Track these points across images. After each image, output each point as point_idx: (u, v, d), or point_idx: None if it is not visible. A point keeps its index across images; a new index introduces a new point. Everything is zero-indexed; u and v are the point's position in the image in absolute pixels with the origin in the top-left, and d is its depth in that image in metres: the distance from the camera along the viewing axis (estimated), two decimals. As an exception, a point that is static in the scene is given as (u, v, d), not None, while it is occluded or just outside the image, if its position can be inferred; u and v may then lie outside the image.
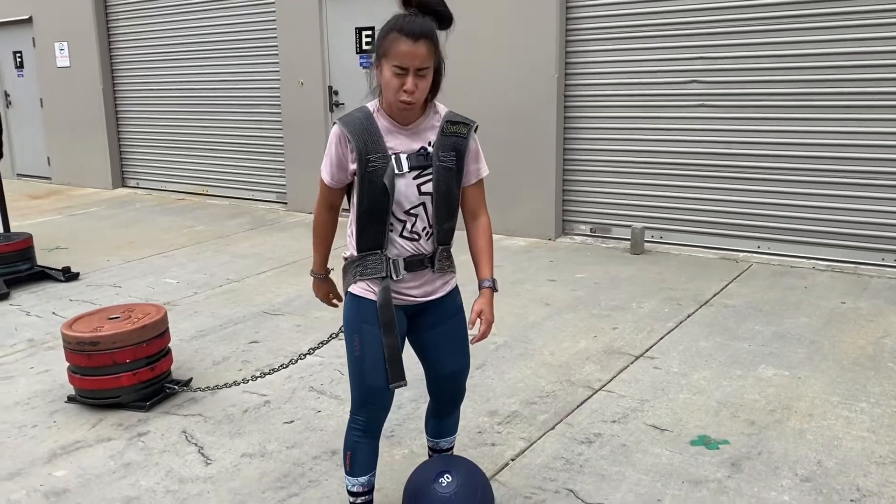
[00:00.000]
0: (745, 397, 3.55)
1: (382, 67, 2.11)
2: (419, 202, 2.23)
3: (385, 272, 2.25)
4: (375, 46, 2.15)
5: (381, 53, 2.11)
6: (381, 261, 2.25)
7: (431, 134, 2.25)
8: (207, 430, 3.42)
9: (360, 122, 2.19)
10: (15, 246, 5.77)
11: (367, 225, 2.23)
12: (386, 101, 2.17)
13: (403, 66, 2.07)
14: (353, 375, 2.34)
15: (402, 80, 2.09)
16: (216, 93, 9.12)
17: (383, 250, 2.25)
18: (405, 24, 2.08)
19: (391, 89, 2.11)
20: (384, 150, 2.17)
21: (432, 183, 2.23)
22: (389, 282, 2.26)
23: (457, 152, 2.26)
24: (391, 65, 2.08)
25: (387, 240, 2.24)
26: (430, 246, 2.31)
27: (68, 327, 3.68)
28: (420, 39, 2.06)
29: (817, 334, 4.28)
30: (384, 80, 2.12)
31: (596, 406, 3.52)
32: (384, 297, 2.24)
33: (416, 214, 2.25)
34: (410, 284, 2.31)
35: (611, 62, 6.33)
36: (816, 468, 2.93)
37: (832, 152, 5.54)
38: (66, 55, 10.36)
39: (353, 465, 2.41)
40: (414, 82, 2.09)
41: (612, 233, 6.59)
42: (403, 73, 2.08)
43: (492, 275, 2.40)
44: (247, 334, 4.62)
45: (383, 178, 2.16)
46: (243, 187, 9.12)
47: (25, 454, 3.26)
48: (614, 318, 4.67)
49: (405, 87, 2.09)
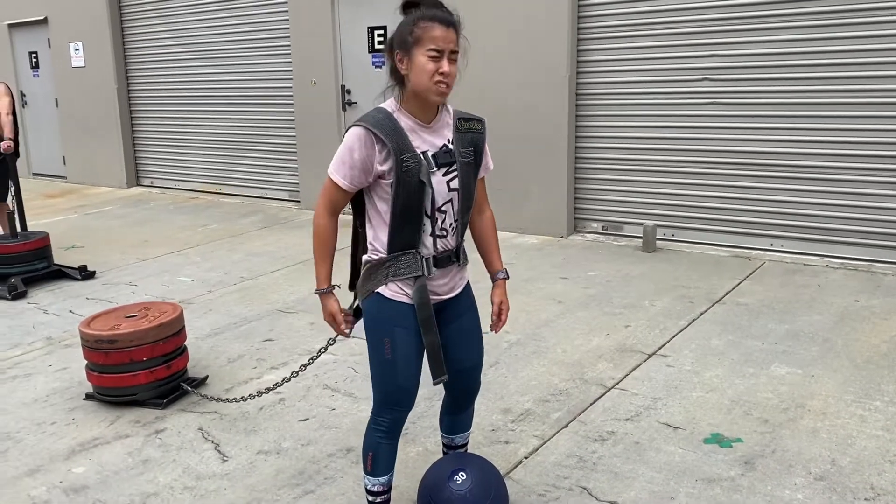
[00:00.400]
0: (759, 395, 3.55)
1: (414, 57, 2.12)
2: (448, 198, 2.27)
3: (420, 271, 2.26)
4: (399, 40, 2.15)
5: (411, 43, 2.11)
6: (416, 260, 2.26)
7: (448, 131, 2.28)
8: (223, 428, 3.46)
9: (385, 122, 2.18)
10: (32, 245, 5.83)
11: (401, 225, 2.23)
12: (418, 90, 2.16)
13: (440, 49, 2.10)
14: (381, 377, 2.34)
15: (438, 63, 2.11)
16: (229, 92, 9.17)
17: (417, 249, 2.26)
18: (434, 12, 2.13)
19: (427, 74, 2.11)
20: (413, 150, 2.18)
21: (458, 179, 2.27)
22: (425, 280, 2.27)
23: (475, 147, 2.32)
24: (426, 49, 2.10)
25: (420, 239, 2.26)
26: (455, 241, 2.35)
27: (86, 325, 3.73)
28: (451, 25, 2.13)
29: (830, 332, 4.27)
30: (418, 68, 2.12)
31: (609, 404, 3.53)
32: (422, 295, 2.26)
33: (445, 211, 2.28)
34: (440, 282, 2.34)
35: (622, 60, 6.33)
36: (830, 467, 2.93)
37: (845, 149, 5.52)
38: (80, 55, 10.44)
39: (374, 464, 2.43)
40: (448, 65, 2.12)
41: (623, 230, 6.59)
42: (439, 55, 2.11)
43: (503, 265, 2.54)
44: (261, 332, 4.66)
45: (419, 176, 2.17)
46: (256, 186, 9.18)
47: (45, 451, 3.31)
48: (627, 315, 4.67)
49: (442, 69, 2.11)
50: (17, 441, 3.41)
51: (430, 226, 2.26)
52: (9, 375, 4.15)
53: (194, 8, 9.29)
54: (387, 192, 2.21)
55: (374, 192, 2.25)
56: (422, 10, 2.14)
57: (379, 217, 2.26)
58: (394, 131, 2.17)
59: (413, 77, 2.15)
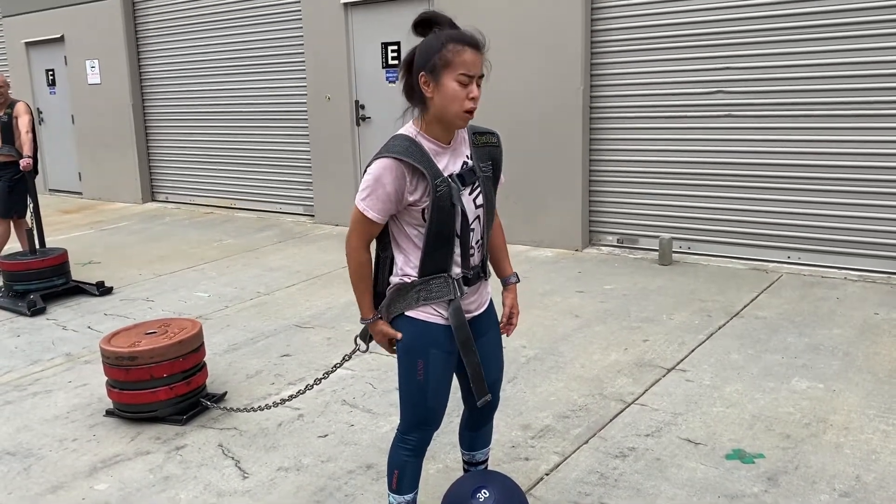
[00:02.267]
0: (780, 410, 3.52)
1: (442, 81, 2.09)
2: (476, 215, 2.27)
3: (452, 294, 2.25)
4: (424, 62, 2.11)
5: (440, 66, 2.08)
6: (447, 283, 2.25)
7: (465, 148, 2.28)
8: (243, 444, 3.47)
9: (413, 150, 2.15)
10: (51, 261, 5.88)
11: (435, 249, 2.21)
12: (444, 115, 2.14)
13: (470, 74, 2.10)
14: (412, 399, 2.33)
15: (468, 88, 2.11)
16: (243, 107, 9.24)
17: (448, 272, 2.25)
18: (464, 35, 2.12)
19: (457, 100, 2.10)
20: (442, 174, 2.17)
21: (482, 195, 2.28)
22: (459, 302, 2.27)
23: (493, 161, 2.33)
24: (457, 74, 2.08)
25: (451, 261, 2.25)
26: (481, 256, 2.35)
27: (107, 342, 3.75)
28: (480, 49, 2.12)
29: (851, 346, 4.24)
30: (447, 94, 2.10)
31: (629, 420, 3.51)
32: (459, 317, 2.26)
33: (473, 229, 2.28)
34: (471, 300, 2.34)
35: (636, 73, 6.34)
36: (855, 483, 2.90)
37: (862, 161, 5.50)
38: (96, 72, 10.56)
39: (400, 482, 2.43)
40: (477, 90, 2.13)
41: (639, 243, 6.58)
42: (469, 81, 2.10)
43: (513, 269, 2.60)
44: (278, 348, 4.67)
45: (451, 199, 2.16)
46: (271, 200, 9.22)
47: (67, 467, 3.33)
48: (645, 330, 4.66)
49: (472, 95, 2.11)
50: (39, 458, 3.43)
51: (460, 246, 2.25)
52: (30, 392, 4.18)
53: (208, 24, 9.38)
54: (416, 218, 2.19)
55: (403, 218, 2.23)
56: (448, 32, 2.12)
57: (409, 242, 2.25)
58: (423, 158, 2.15)
59: (440, 101, 2.12)
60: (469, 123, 2.29)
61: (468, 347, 2.28)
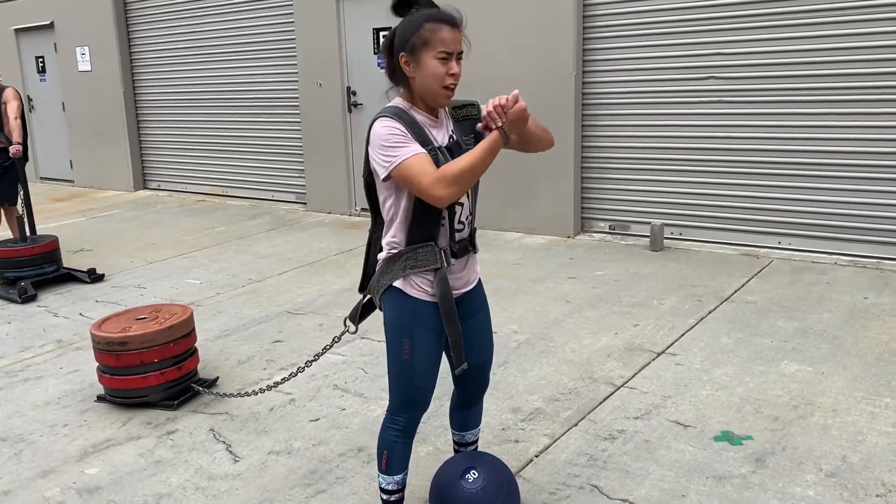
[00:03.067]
0: (768, 393, 3.55)
1: (421, 59, 2.12)
2: None
3: (438, 263, 2.24)
4: (404, 42, 2.13)
5: (418, 45, 2.11)
6: (434, 252, 2.24)
7: (448, 122, 2.30)
8: (234, 429, 3.48)
9: (404, 115, 2.17)
10: (42, 248, 5.87)
11: (421, 217, 2.21)
12: (426, 93, 2.16)
13: (449, 51, 2.12)
14: (399, 378, 2.34)
15: (447, 65, 2.13)
16: (235, 94, 9.20)
17: (435, 241, 2.25)
18: (441, 14, 2.14)
19: (437, 77, 2.13)
20: (432, 143, 2.18)
21: None
22: (445, 272, 2.26)
23: (475, 134, 2.30)
24: (436, 51, 2.10)
25: (438, 231, 2.25)
26: (469, 229, 2.36)
27: (97, 328, 3.75)
28: (457, 26, 2.14)
29: (840, 330, 4.27)
30: (427, 71, 2.12)
31: (618, 402, 3.53)
32: (444, 287, 2.25)
33: (462, 203, 2.28)
34: (458, 275, 2.33)
35: (628, 59, 6.33)
36: (841, 463, 2.93)
37: (853, 147, 5.51)
38: (87, 59, 10.49)
39: (389, 464, 2.44)
40: (457, 66, 2.14)
41: (630, 230, 6.59)
42: (448, 57, 2.12)
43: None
44: (270, 334, 4.67)
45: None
46: (263, 188, 9.20)
47: (58, 452, 3.33)
48: (635, 314, 4.67)
49: (452, 71, 2.13)
50: (30, 443, 3.43)
51: (448, 218, 2.25)
52: (21, 378, 4.18)
53: (199, 11, 9.32)
54: (403, 188, 2.19)
55: (391, 188, 2.21)
56: (425, 11, 2.14)
57: (398, 213, 2.24)
58: (413, 123, 2.17)
59: (421, 80, 2.15)
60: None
61: (451, 318, 2.27)
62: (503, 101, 2.06)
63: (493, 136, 2.08)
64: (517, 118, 2.07)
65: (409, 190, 2.16)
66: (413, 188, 2.11)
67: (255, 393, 3.39)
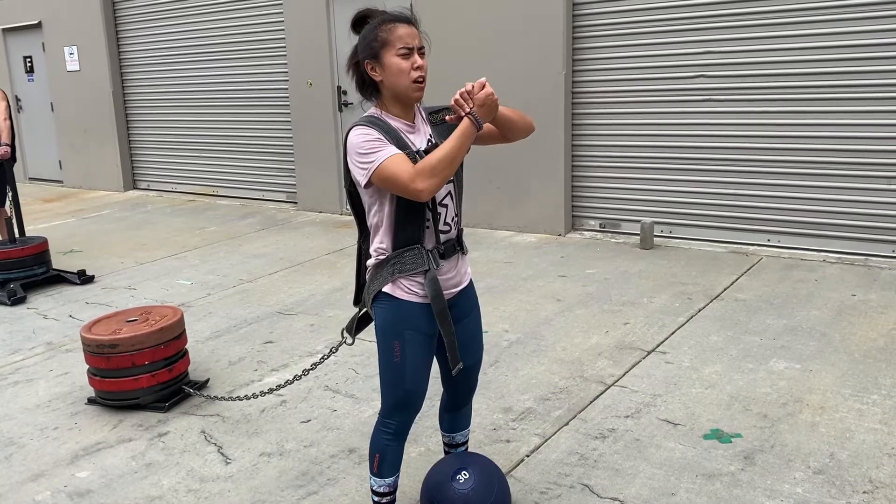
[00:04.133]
0: (757, 391, 3.57)
1: (385, 61, 2.16)
2: (447, 191, 2.29)
3: (426, 265, 2.25)
4: (365, 49, 2.19)
5: (378, 48, 2.16)
6: (421, 254, 2.25)
7: (425, 127, 2.32)
8: (226, 430, 3.47)
9: (379, 122, 2.20)
10: (31, 250, 5.84)
11: (405, 222, 2.23)
12: (397, 91, 2.19)
13: (409, 47, 2.16)
14: (390, 381, 2.35)
15: (411, 59, 2.16)
16: (225, 94, 9.18)
17: (422, 244, 2.26)
18: (393, 14, 2.21)
19: (403, 73, 2.16)
20: (410, 147, 2.21)
21: None
22: (434, 272, 2.27)
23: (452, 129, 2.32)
24: (396, 49, 2.15)
25: (423, 234, 2.26)
26: (455, 230, 2.37)
27: (87, 330, 3.74)
28: (411, 22, 2.20)
29: (828, 327, 4.30)
30: (392, 70, 2.16)
31: (609, 401, 3.55)
32: (435, 287, 2.26)
33: (446, 205, 2.30)
34: (448, 275, 2.34)
35: (618, 58, 6.35)
36: (829, 460, 2.96)
37: (841, 145, 5.55)
38: (75, 59, 10.44)
39: (381, 466, 2.44)
40: (421, 59, 2.19)
41: (621, 228, 6.62)
42: (410, 52, 2.16)
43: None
44: (261, 335, 4.67)
45: None
46: (253, 188, 9.18)
47: (48, 455, 3.32)
48: (625, 313, 4.69)
49: (417, 64, 2.17)
50: (20, 446, 3.42)
51: (432, 221, 2.27)
52: (10, 381, 4.16)
53: (189, 10, 9.29)
54: (386, 193, 2.20)
55: (376, 196, 2.23)
56: (378, 17, 2.21)
57: (383, 220, 2.26)
58: (389, 130, 2.20)
59: (389, 80, 2.19)
60: (423, 106, 2.35)
61: (444, 317, 2.28)
62: (469, 88, 2.13)
63: (464, 123, 2.14)
64: (485, 103, 2.13)
65: (391, 192, 2.17)
66: (393, 187, 2.13)
67: (248, 398, 3.39)
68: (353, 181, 2.23)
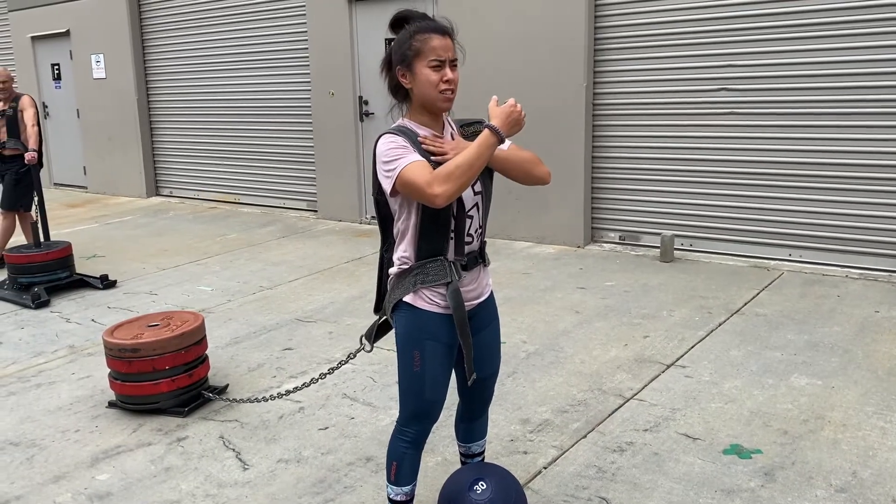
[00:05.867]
0: (778, 407, 3.54)
1: (416, 70, 2.17)
2: (474, 202, 2.29)
3: (449, 277, 2.26)
4: (399, 56, 2.20)
5: (411, 57, 2.17)
6: (443, 266, 2.25)
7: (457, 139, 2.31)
8: (244, 436, 3.49)
9: (408, 132, 2.21)
10: (55, 254, 5.91)
11: (429, 233, 2.23)
12: (425, 101, 2.20)
13: (441, 59, 2.16)
14: (409, 390, 2.35)
15: (441, 72, 2.16)
16: (248, 103, 9.26)
17: (445, 255, 2.27)
18: (430, 24, 2.19)
19: (432, 85, 2.16)
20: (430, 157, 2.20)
21: (479, 182, 2.29)
22: (456, 284, 2.27)
23: None
24: (427, 60, 2.15)
25: (447, 245, 2.26)
26: (479, 242, 2.37)
27: (109, 334, 3.78)
28: (447, 34, 2.19)
29: (851, 343, 4.25)
30: (422, 81, 2.17)
31: (628, 415, 3.53)
32: (457, 298, 2.26)
33: (472, 216, 2.30)
34: (469, 287, 2.34)
35: (639, 70, 6.34)
36: (851, 479, 2.92)
37: (864, 159, 5.49)
38: (102, 67, 10.59)
39: (398, 475, 2.44)
40: (452, 72, 2.18)
41: (641, 240, 6.59)
42: (441, 65, 2.16)
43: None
44: (280, 341, 4.69)
45: None
46: (274, 195, 9.25)
47: (69, 458, 3.36)
48: (645, 326, 4.67)
49: (446, 77, 2.17)
50: (42, 448, 3.46)
51: (456, 231, 2.27)
52: (33, 383, 4.21)
53: (214, 20, 9.40)
54: (411, 201, 2.21)
55: (404, 205, 2.24)
56: (415, 24, 2.20)
57: (408, 229, 2.26)
58: (416, 142, 2.20)
59: (418, 90, 2.19)
60: (454, 119, 2.36)
61: (464, 329, 2.28)
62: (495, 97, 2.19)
63: (484, 133, 2.13)
64: (510, 115, 2.13)
65: (414, 199, 2.18)
66: (413, 193, 2.13)
67: (266, 399, 3.41)
68: (381, 189, 2.25)
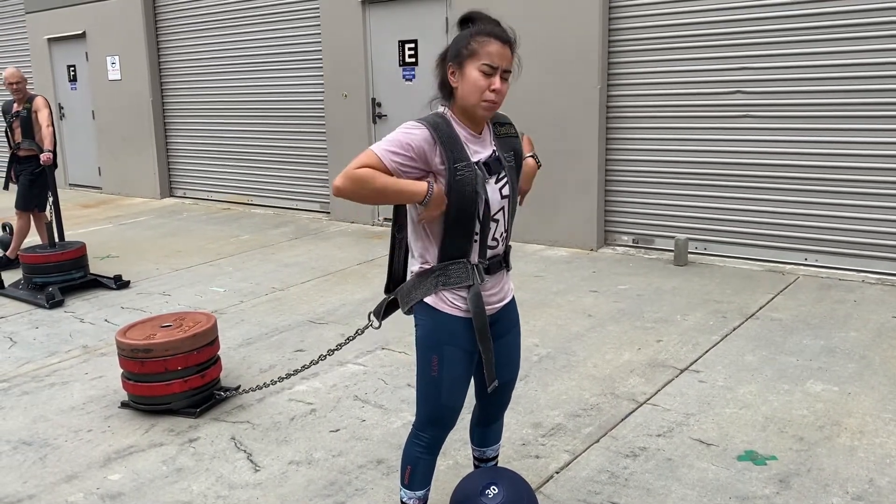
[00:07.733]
0: (793, 412, 3.50)
1: (466, 70, 2.12)
2: (501, 206, 2.26)
3: (471, 280, 2.23)
4: (454, 53, 2.15)
5: (465, 56, 2.12)
6: (466, 269, 2.23)
7: (491, 138, 2.29)
8: (255, 437, 3.49)
9: (443, 127, 2.15)
10: (70, 254, 5.95)
11: (454, 234, 2.20)
12: (466, 104, 2.16)
13: (494, 66, 2.11)
14: (426, 395, 2.33)
15: (490, 80, 2.12)
16: (261, 104, 9.30)
17: (468, 258, 2.24)
18: (494, 28, 2.14)
19: (477, 90, 2.12)
20: (468, 159, 2.16)
21: (508, 185, 2.27)
22: (478, 288, 2.25)
23: (514, 152, 2.31)
24: (480, 64, 2.10)
25: (471, 247, 2.24)
26: (503, 246, 2.35)
27: (122, 335, 3.79)
28: (508, 43, 2.14)
29: (867, 349, 4.20)
30: (469, 82, 2.12)
31: (641, 419, 3.50)
32: (478, 304, 2.24)
33: (498, 220, 2.27)
34: (491, 291, 2.32)
35: (653, 73, 6.31)
36: (868, 486, 2.88)
37: (881, 163, 5.44)
38: (117, 69, 10.66)
39: (412, 479, 2.43)
40: (500, 83, 2.13)
41: (654, 244, 6.55)
42: (492, 72, 2.12)
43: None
44: (292, 343, 4.70)
45: (474, 186, 2.14)
46: (287, 197, 9.27)
47: (82, 458, 3.37)
48: (658, 330, 4.64)
49: (494, 87, 2.12)
50: (55, 448, 3.47)
51: (484, 233, 2.24)
52: (46, 383, 4.23)
53: (228, 22, 9.44)
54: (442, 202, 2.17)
55: None
56: (479, 25, 2.15)
57: (432, 229, 2.23)
58: (450, 138, 2.15)
59: (462, 91, 2.15)
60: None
61: (484, 334, 2.26)
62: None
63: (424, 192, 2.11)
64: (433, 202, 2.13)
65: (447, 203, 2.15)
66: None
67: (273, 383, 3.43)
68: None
